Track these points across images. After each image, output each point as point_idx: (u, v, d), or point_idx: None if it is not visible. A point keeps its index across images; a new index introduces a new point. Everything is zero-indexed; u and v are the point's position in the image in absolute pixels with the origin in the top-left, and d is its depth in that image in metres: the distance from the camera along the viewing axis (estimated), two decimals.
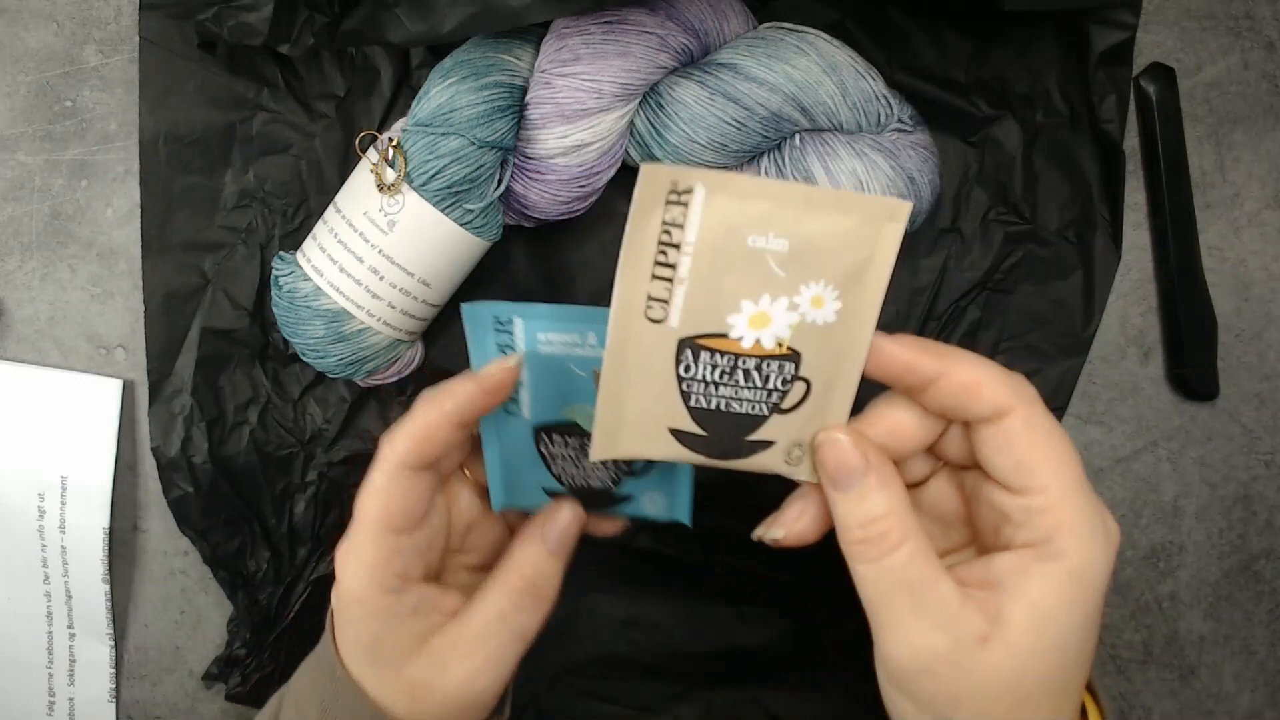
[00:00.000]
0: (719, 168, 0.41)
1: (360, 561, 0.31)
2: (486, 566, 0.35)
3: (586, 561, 0.46)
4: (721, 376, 0.30)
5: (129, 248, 0.46)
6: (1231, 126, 0.47)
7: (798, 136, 0.40)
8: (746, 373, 0.30)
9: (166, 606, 0.48)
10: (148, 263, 0.44)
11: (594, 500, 0.35)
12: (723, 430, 0.30)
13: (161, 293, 0.44)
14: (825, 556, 0.47)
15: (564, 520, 0.34)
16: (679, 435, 0.31)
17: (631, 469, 0.34)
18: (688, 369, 0.29)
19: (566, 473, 0.34)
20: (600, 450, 0.30)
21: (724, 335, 0.29)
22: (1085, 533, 0.28)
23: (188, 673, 0.49)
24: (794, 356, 0.29)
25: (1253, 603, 0.49)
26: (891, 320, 0.45)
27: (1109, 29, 0.42)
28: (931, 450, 0.32)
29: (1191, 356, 0.46)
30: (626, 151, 0.41)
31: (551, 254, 0.45)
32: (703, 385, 0.30)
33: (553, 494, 0.35)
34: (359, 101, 0.44)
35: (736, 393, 0.30)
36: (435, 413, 0.31)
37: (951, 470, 0.33)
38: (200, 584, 0.48)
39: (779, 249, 0.28)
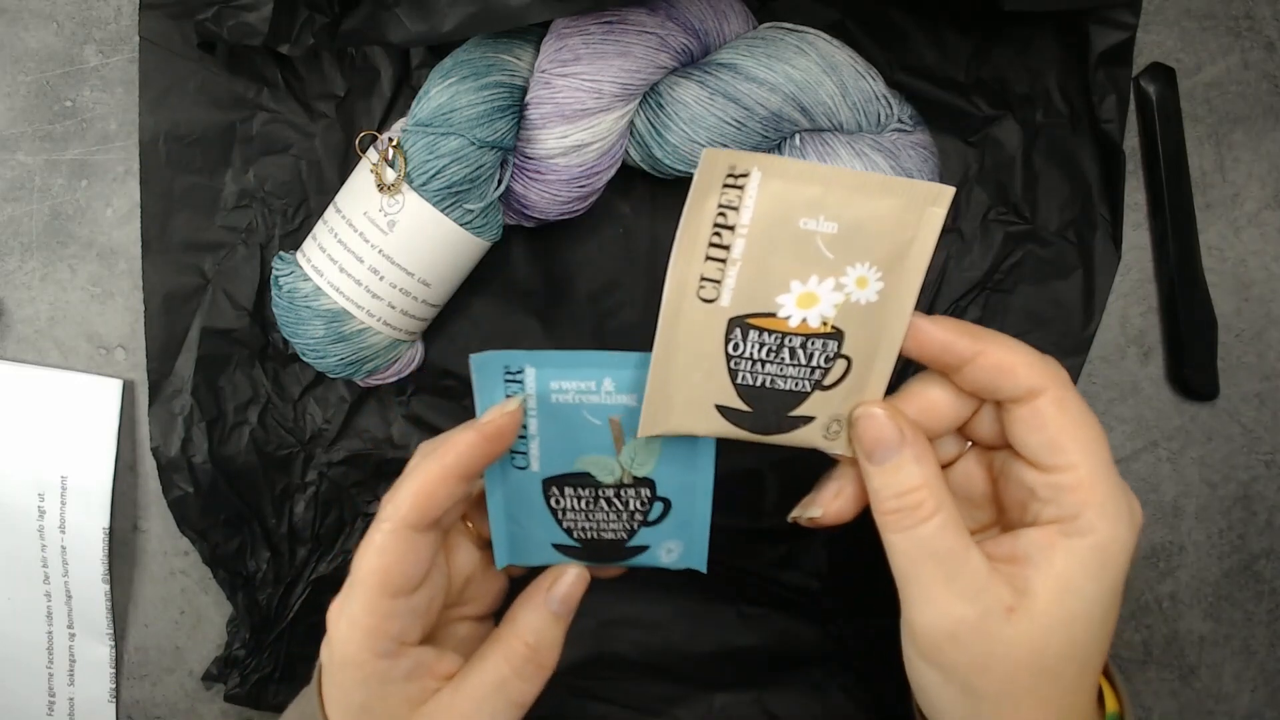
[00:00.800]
0: None
1: (354, 624, 0.30)
2: (485, 617, 0.34)
3: None
4: (768, 354, 0.31)
5: (129, 248, 0.46)
6: (1231, 126, 0.47)
7: (798, 136, 0.40)
8: (792, 350, 0.31)
9: (166, 606, 0.48)
10: (148, 263, 0.44)
11: (606, 552, 0.34)
12: (766, 406, 0.31)
13: (161, 293, 0.44)
14: (825, 557, 0.47)
15: (569, 583, 0.33)
16: (725, 412, 0.31)
17: (647, 518, 0.33)
18: (736, 347, 0.30)
19: (578, 525, 0.33)
20: (647, 427, 0.31)
21: (773, 314, 0.30)
22: (1111, 510, 0.29)
23: (188, 673, 0.49)
24: (837, 335, 0.30)
25: (1253, 603, 0.49)
26: None
27: (1109, 29, 0.42)
28: (961, 431, 0.33)
29: (1191, 356, 0.46)
30: (626, 151, 0.41)
31: (551, 254, 0.45)
32: (750, 363, 0.31)
33: (562, 548, 0.34)
34: (359, 101, 0.44)
35: (782, 370, 0.31)
36: (436, 467, 0.30)
37: (980, 451, 0.34)
38: (200, 584, 0.48)
39: (829, 231, 0.29)
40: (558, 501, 0.33)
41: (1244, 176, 0.47)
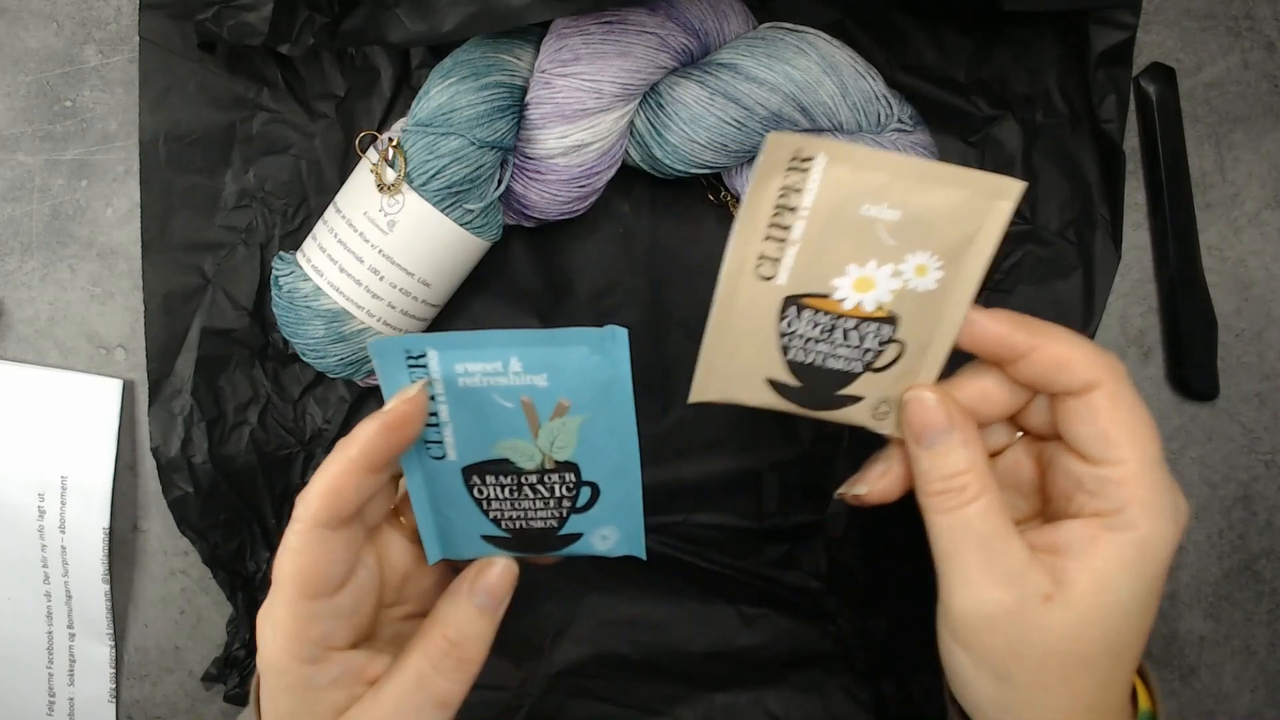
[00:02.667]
0: (719, 167, 0.41)
1: (277, 629, 0.29)
2: (425, 615, 0.33)
3: (586, 561, 0.47)
4: (821, 334, 0.31)
5: (129, 248, 0.46)
6: (1231, 126, 0.47)
7: None
8: (845, 332, 0.31)
9: (166, 606, 0.48)
10: (148, 263, 0.44)
11: (538, 542, 0.33)
12: (816, 383, 0.32)
13: (161, 293, 0.44)
14: (825, 557, 0.47)
15: (494, 576, 0.32)
16: (775, 385, 0.32)
17: (576, 504, 0.32)
18: (790, 324, 0.31)
19: (505, 515, 0.32)
20: (697, 393, 0.32)
21: (827, 296, 0.30)
22: (1157, 508, 0.29)
23: (188, 673, 0.49)
24: (892, 320, 0.31)
25: (1253, 603, 0.49)
26: None
27: (1109, 29, 0.42)
28: (1011, 420, 0.33)
29: (1191, 356, 0.46)
30: (626, 151, 0.41)
31: (551, 254, 0.45)
32: (802, 340, 0.31)
33: (491, 539, 0.33)
34: (359, 101, 0.44)
35: (834, 349, 0.31)
36: (342, 462, 0.29)
37: (1029, 440, 0.34)
38: (200, 584, 0.48)
39: (891, 218, 0.29)
40: (480, 491, 0.32)
41: (1244, 176, 0.47)
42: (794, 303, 0.31)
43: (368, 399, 0.46)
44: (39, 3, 0.45)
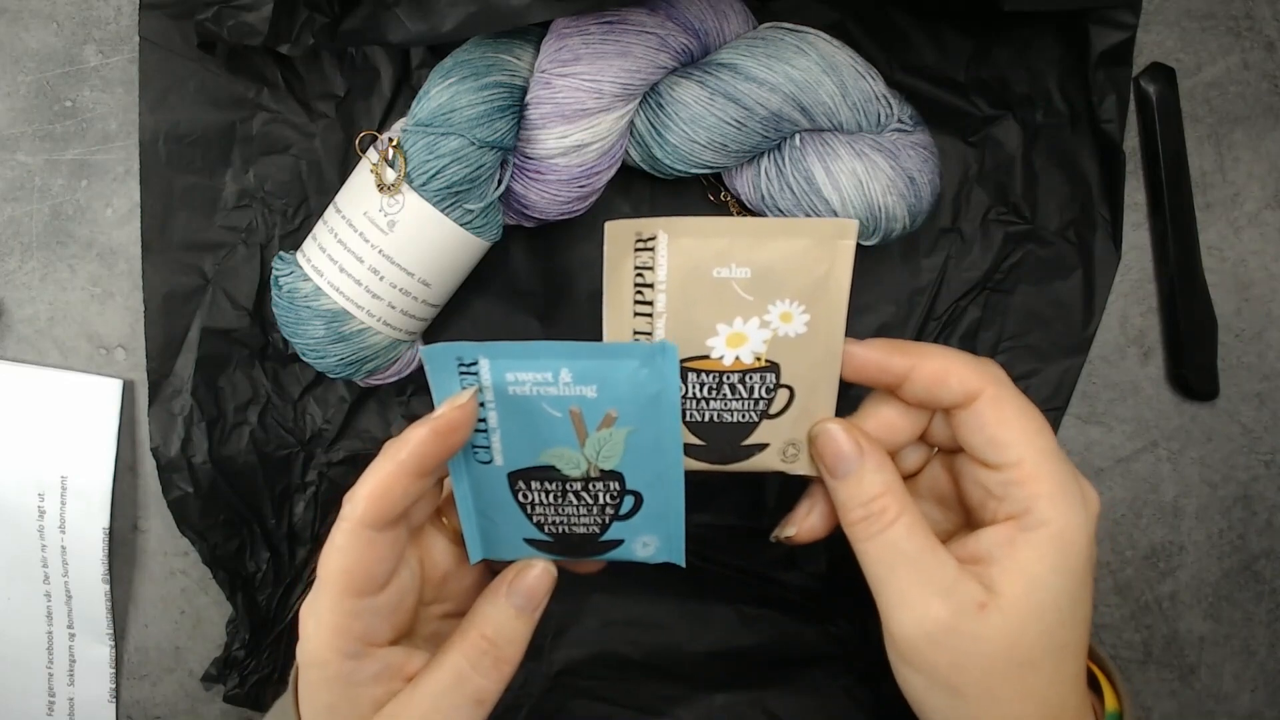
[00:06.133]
0: (719, 168, 0.41)
1: (320, 624, 0.30)
2: (463, 613, 0.33)
3: None
4: (710, 393, 0.33)
5: (129, 248, 0.46)
6: (1231, 126, 0.47)
7: (798, 136, 0.40)
8: (732, 386, 0.33)
9: (166, 606, 0.48)
10: (148, 263, 0.44)
11: (580, 547, 0.33)
12: (719, 439, 0.34)
13: (161, 293, 0.44)
14: (825, 557, 0.47)
15: (533, 577, 0.32)
16: (683, 448, 0.33)
17: (619, 512, 0.33)
18: (680, 390, 0.32)
19: (548, 520, 0.33)
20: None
21: (706, 356, 0.32)
22: (1062, 499, 0.30)
23: (188, 673, 0.49)
24: (773, 367, 0.33)
25: (1253, 603, 0.49)
26: (891, 319, 0.45)
27: (1109, 29, 0.42)
28: (923, 439, 0.34)
29: (1191, 356, 0.46)
30: (626, 151, 0.41)
31: (551, 254, 0.45)
32: (696, 402, 0.33)
33: (534, 542, 0.33)
34: (359, 101, 0.44)
35: (726, 405, 0.33)
36: (391, 465, 0.29)
37: (943, 455, 0.35)
38: (200, 584, 0.48)
39: (742, 276, 0.31)
40: (525, 496, 0.32)
41: (1244, 176, 0.47)
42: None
43: (368, 399, 0.46)
44: (39, 3, 0.45)
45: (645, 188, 0.45)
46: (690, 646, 0.47)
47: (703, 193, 0.45)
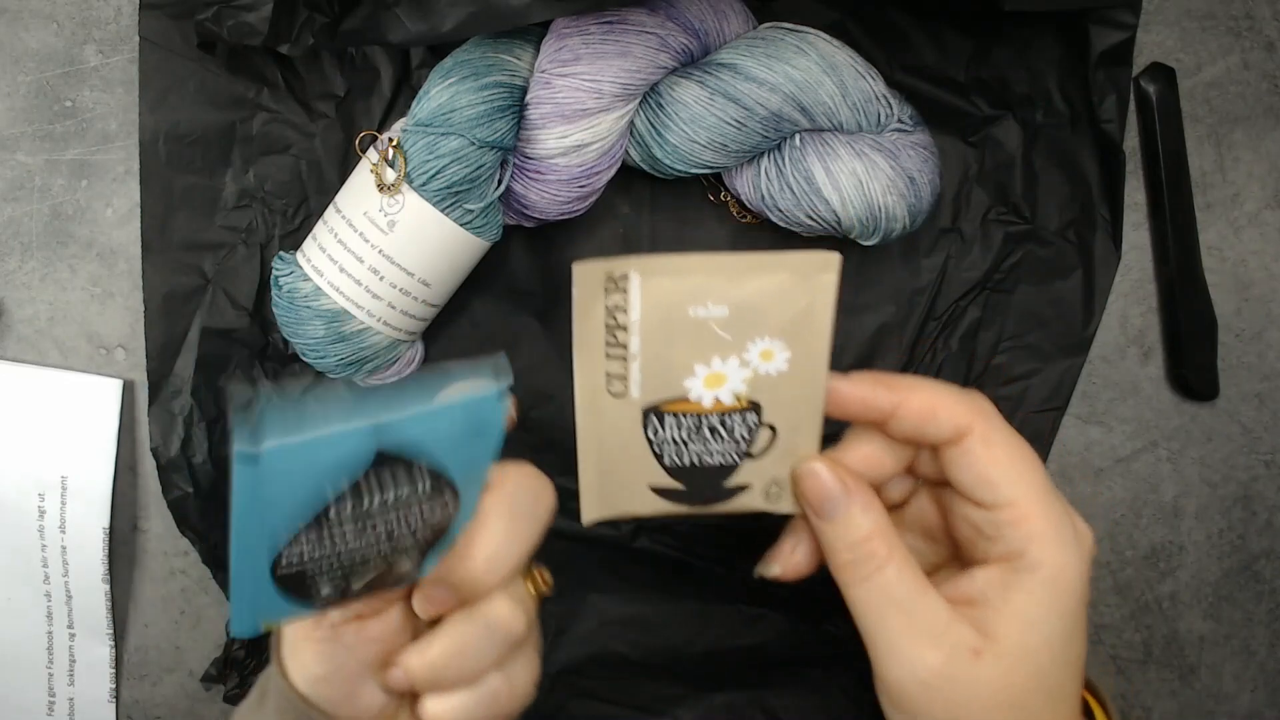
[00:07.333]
0: (719, 167, 0.41)
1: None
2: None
3: (586, 562, 0.47)
4: (689, 435, 0.31)
5: (129, 248, 0.46)
6: (1231, 126, 0.47)
7: (798, 136, 0.40)
8: (712, 429, 0.31)
9: (166, 606, 0.48)
10: (148, 263, 0.44)
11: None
12: (700, 482, 0.32)
13: (161, 293, 0.44)
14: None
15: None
16: (660, 492, 0.32)
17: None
18: (656, 433, 0.31)
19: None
20: (588, 513, 0.32)
21: (684, 398, 0.31)
22: (1056, 541, 0.29)
23: (188, 673, 0.49)
24: (754, 407, 0.31)
25: (1253, 603, 0.49)
26: (891, 320, 0.45)
27: (1109, 29, 0.42)
28: (909, 470, 0.33)
29: (1191, 356, 0.46)
30: (626, 151, 0.41)
31: (551, 254, 0.45)
32: (673, 445, 0.32)
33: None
34: (359, 101, 0.44)
35: (706, 447, 0.32)
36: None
37: (930, 487, 0.34)
38: (200, 584, 0.48)
39: (720, 314, 0.30)
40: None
41: (1244, 176, 0.47)
42: (653, 412, 0.31)
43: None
44: (39, 3, 0.45)
45: (645, 188, 0.45)
46: (690, 646, 0.47)
47: (703, 193, 0.45)
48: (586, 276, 0.29)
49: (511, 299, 0.45)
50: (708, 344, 0.30)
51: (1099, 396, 0.48)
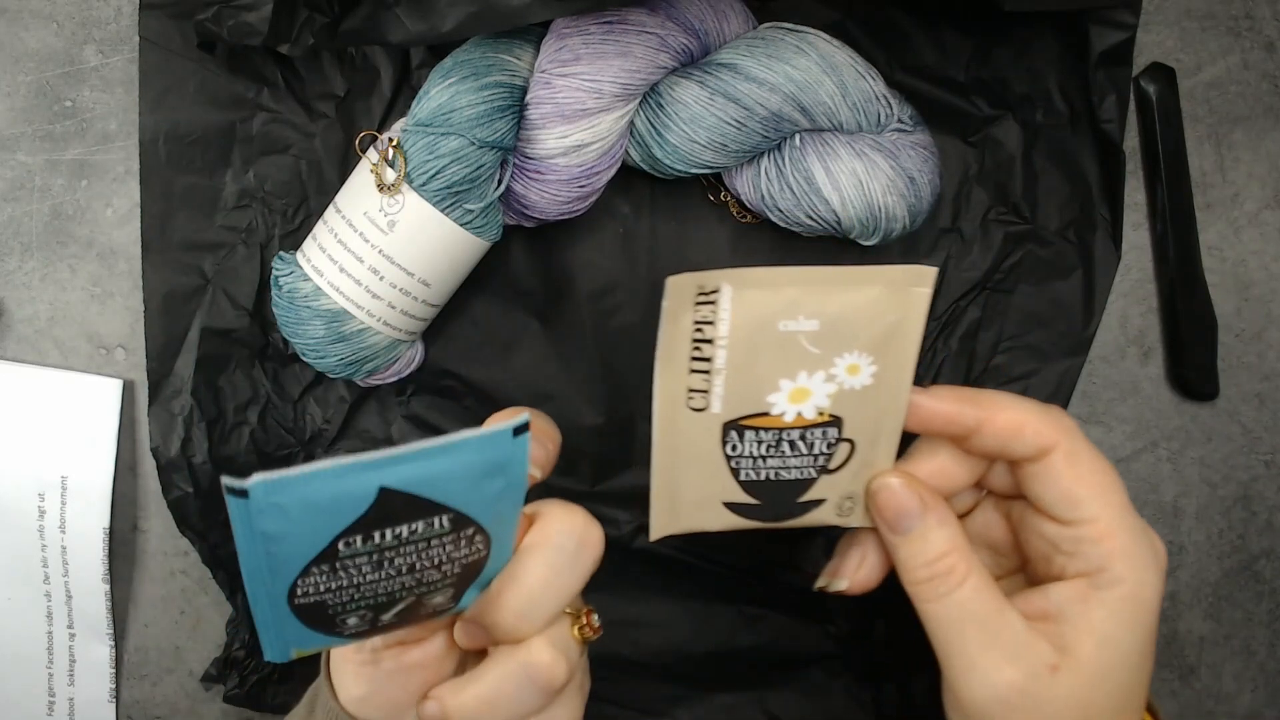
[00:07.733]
0: (719, 167, 0.41)
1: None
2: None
3: None
4: (768, 450, 0.31)
5: (129, 248, 0.46)
6: (1231, 126, 0.47)
7: (798, 136, 0.40)
8: (792, 443, 0.31)
9: (166, 606, 0.48)
10: (148, 263, 0.44)
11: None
12: (774, 497, 0.32)
13: (161, 293, 0.44)
14: (826, 558, 0.47)
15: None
16: (733, 507, 0.32)
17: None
18: (734, 448, 0.31)
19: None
20: (658, 529, 0.32)
21: (766, 414, 0.30)
22: (1137, 557, 0.29)
23: (188, 673, 0.49)
24: (835, 422, 0.31)
25: (1253, 603, 0.49)
26: None
27: (1109, 29, 0.42)
28: (977, 483, 0.33)
29: (1191, 356, 0.46)
30: (626, 151, 0.41)
31: (551, 254, 0.45)
32: (751, 460, 0.31)
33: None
34: (359, 101, 0.44)
35: (784, 462, 0.31)
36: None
37: (997, 499, 0.33)
38: (200, 584, 0.48)
39: (810, 329, 0.29)
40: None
41: (1244, 176, 0.47)
42: (733, 427, 0.30)
43: (368, 399, 0.46)
44: (39, 3, 0.45)
45: (645, 188, 0.45)
46: (690, 646, 0.47)
47: (703, 193, 0.45)
48: (679, 289, 0.28)
49: (511, 299, 0.45)
50: (794, 358, 0.30)
51: (1099, 396, 0.48)
